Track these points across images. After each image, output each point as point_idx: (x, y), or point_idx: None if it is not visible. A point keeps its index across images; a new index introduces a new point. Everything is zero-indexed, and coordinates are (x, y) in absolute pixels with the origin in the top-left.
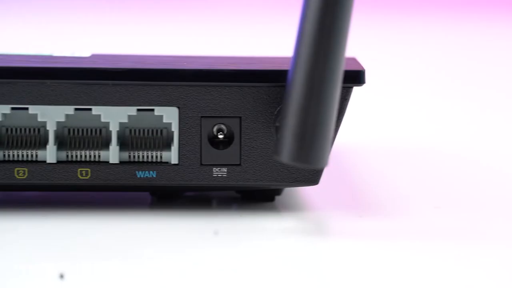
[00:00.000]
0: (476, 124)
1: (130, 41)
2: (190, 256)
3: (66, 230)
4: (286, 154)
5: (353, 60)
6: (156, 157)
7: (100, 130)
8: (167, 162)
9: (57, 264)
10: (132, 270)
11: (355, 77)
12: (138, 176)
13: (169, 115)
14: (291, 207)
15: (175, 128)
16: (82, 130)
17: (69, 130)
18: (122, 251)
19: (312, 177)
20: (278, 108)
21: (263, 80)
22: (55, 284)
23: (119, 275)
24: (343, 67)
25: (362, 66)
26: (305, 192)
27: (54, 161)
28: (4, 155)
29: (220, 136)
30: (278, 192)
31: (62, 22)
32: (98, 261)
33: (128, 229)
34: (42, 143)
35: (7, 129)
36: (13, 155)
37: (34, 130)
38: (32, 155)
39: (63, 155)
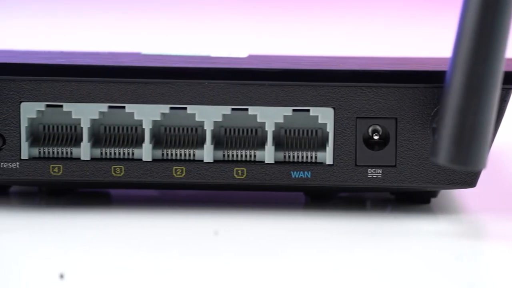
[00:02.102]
0: None
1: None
2: (343, 256)
3: (218, 228)
4: (443, 156)
5: None
6: (311, 157)
7: (256, 130)
8: (322, 163)
9: (203, 260)
10: (282, 269)
11: None
12: (293, 176)
13: (324, 116)
14: (447, 210)
15: (330, 129)
16: (239, 130)
17: (225, 130)
18: (274, 250)
19: (469, 180)
20: (435, 109)
21: (420, 81)
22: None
23: (268, 273)
24: (503, 68)
25: None
26: (462, 194)
27: (211, 160)
28: (163, 154)
29: (376, 137)
30: (433, 194)
31: (219, 22)
32: (248, 259)
33: (281, 228)
34: (199, 143)
35: (165, 129)
36: (172, 154)
37: (191, 129)
38: (189, 154)
39: (219, 154)
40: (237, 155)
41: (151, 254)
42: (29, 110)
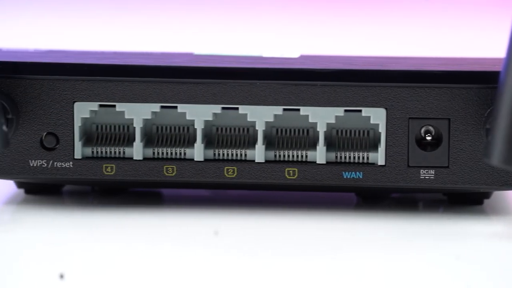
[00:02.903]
0: None
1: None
2: (395, 257)
3: (270, 229)
4: (496, 157)
5: None
6: (363, 158)
7: (308, 131)
8: (373, 163)
9: (255, 260)
10: (334, 270)
11: None
12: (344, 177)
13: (376, 116)
14: (500, 211)
15: (382, 129)
16: (290, 130)
17: (277, 130)
18: (325, 251)
19: None
20: (489, 110)
21: (473, 81)
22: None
23: (320, 274)
24: None
25: None
26: None
27: (263, 161)
28: (214, 154)
29: (428, 138)
30: (487, 195)
31: (271, 22)
32: (299, 259)
33: (333, 229)
34: (251, 143)
35: (217, 129)
36: (224, 154)
37: (243, 129)
38: (241, 154)
39: (271, 154)
40: (288, 156)
41: (202, 253)
42: (83, 110)
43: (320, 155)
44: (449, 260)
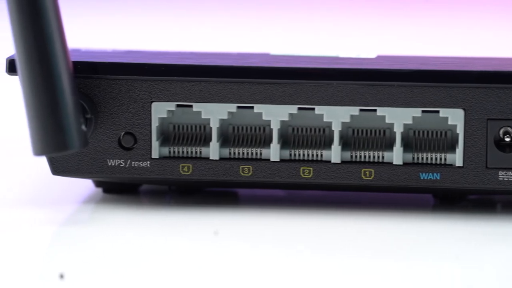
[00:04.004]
0: None
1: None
2: (472, 259)
3: (345, 230)
4: None
5: None
6: (440, 159)
7: (384, 131)
8: (451, 165)
9: (332, 261)
10: (410, 271)
11: None
12: (422, 178)
13: (454, 117)
14: None
15: (460, 130)
16: (366, 131)
17: (353, 130)
18: (402, 252)
19: None
20: None
21: None
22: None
23: (397, 275)
24: None
25: None
26: None
27: (339, 161)
28: (290, 154)
29: (507, 139)
30: None
31: (347, 23)
32: (377, 261)
33: (410, 231)
34: (327, 143)
35: (293, 129)
36: (300, 155)
37: (319, 130)
38: (317, 155)
39: (347, 155)
40: (365, 156)
41: (277, 254)
42: (160, 110)
43: (397, 156)
44: None
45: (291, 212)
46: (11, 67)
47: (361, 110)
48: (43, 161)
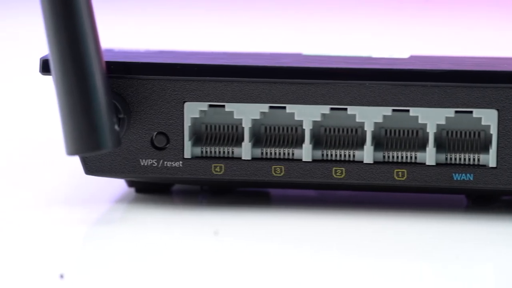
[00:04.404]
0: None
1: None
2: (505, 261)
3: (376, 230)
4: None
5: None
6: (474, 159)
7: (417, 132)
8: (484, 165)
9: (363, 261)
10: (446, 273)
11: None
12: (455, 179)
13: (488, 118)
14: None
15: (494, 131)
16: (399, 131)
17: (386, 131)
18: (435, 253)
19: None
20: None
21: None
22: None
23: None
24: None
25: None
26: None
27: (371, 162)
28: (322, 155)
29: None
30: None
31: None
32: (408, 262)
33: (443, 232)
34: (359, 143)
35: (325, 129)
36: (332, 155)
37: (351, 130)
38: (349, 155)
39: (380, 155)
40: (397, 157)
41: (309, 254)
42: (193, 110)
43: (429, 156)
44: None
45: (323, 212)
46: (45, 67)
47: (393, 110)
48: (76, 161)
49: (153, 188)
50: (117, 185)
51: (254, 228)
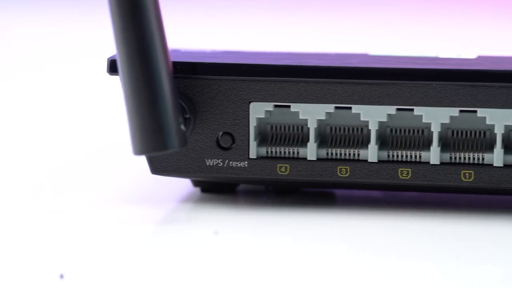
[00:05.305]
0: None
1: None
2: None
3: (441, 232)
4: None
5: None
6: None
7: (484, 133)
8: None
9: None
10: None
11: None
12: None
13: None
14: None
15: None
16: (466, 132)
17: (453, 131)
18: (504, 255)
19: None
20: None
21: None
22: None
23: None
24: None
25: None
26: None
27: (438, 163)
28: (388, 155)
29: None
30: None
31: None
32: (475, 264)
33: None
34: (425, 144)
35: (391, 130)
36: (398, 156)
37: (418, 131)
38: (415, 156)
39: (446, 156)
40: (464, 158)
41: (373, 256)
42: (258, 110)
43: (497, 157)
44: None
45: (388, 213)
46: (112, 67)
47: (461, 111)
48: (142, 160)
49: (218, 188)
50: (183, 185)
51: (319, 229)
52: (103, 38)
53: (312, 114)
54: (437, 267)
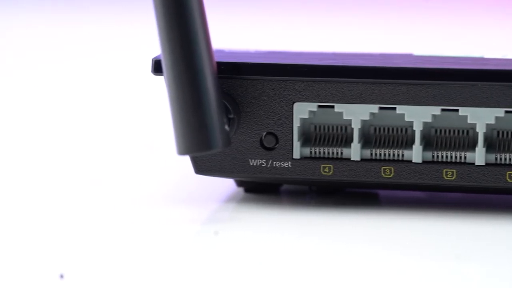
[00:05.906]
0: None
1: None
2: None
3: (489, 233)
4: None
5: None
6: None
7: None
8: None
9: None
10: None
11: None
12: None
13: None
14: None
15: None
16: (510, 132)
17: (498, 132)
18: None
19: None
20: None
21: None
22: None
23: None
24: None
25: None
26: None
27: (483, 164)
28: (433, 156)
29: None
30: None
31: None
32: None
33: None
34: (470, 145)
35: (436, 130)
36: (442, 156)
37: (462, 131)
38: (460, 157)
39: (491, 157)
40: (510, 159)
41: (417, 257)
42: (302, 110)
43: None
44: None
45: (432, 214)
46: (157, 68)
47: (506, 112)
48: (186, 160)
49: (262, 188)
50: (227, 185)
51: (362, 230)
52: (148, 38)
53: (356, 114)
54: (485, 269)
